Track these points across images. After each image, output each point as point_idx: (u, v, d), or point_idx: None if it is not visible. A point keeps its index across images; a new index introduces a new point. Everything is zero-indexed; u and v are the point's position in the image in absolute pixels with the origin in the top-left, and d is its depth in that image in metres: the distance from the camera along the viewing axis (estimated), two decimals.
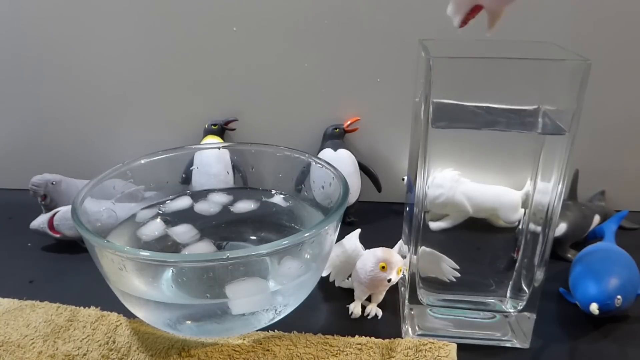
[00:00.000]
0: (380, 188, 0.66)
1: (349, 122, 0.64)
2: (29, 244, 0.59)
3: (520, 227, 0.41)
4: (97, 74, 0.67)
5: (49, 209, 0.60)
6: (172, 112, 0.68)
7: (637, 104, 0.61)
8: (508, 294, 0.44)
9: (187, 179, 0.57)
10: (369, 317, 0.47)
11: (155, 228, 0.51)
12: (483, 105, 0.38)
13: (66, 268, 0.55)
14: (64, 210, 0.57)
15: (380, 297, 0.48)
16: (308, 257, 0.43)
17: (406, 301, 0.44)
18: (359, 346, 0.42)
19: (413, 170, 0.41)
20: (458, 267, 0.42)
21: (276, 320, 0.43)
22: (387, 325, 0.46)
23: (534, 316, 0.42)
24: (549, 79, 0.37)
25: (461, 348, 0.42)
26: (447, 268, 0.43)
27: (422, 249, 0.42)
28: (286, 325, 0.44)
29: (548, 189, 0.39)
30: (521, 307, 0.43)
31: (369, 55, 0.62)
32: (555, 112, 0.38)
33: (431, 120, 0.37)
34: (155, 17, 0.63)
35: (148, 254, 0.37)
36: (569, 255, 0.55)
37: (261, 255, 0.39)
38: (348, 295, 0.49)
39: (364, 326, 0.45)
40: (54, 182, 0.60)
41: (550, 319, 0.46)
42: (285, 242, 0.38)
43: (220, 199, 0.56)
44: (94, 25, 0.64)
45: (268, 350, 0.41)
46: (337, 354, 0.41)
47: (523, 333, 0.43)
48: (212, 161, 0.57)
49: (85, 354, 0.42)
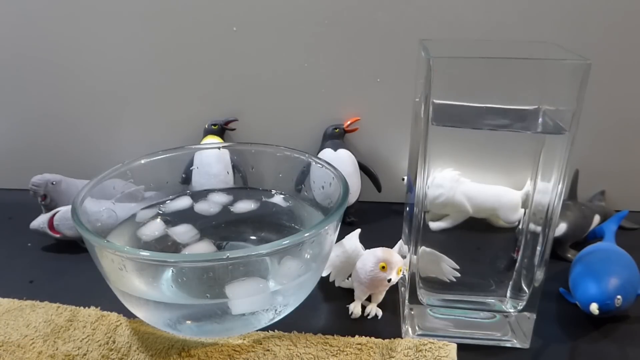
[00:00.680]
0: (380, 188, 0.66)
1: (349, 122, 0.64)
2: (29, 244, 0.59)
3: (520, 227, 0.41)
4: (97, 74, 0.67)
5: (49, 209, 0.60)
6: (172, 112, 0.68)
7: (637, 104, 0.61)
8: (508, 294, 0.43)
9: (187, 179, 0.57)
10: (369, 317, 0.47)
11: (155, 228, 0.51)
12: (483, 106, 0.38)
13: (66, 268, 0.55)
14: (64, 210, 0.57)
15: (380, 297, 0.48)
16: (308, 257, 0.43)
17: (406, 301, 0.44)
18: (359, 346, 0.42)
19: (413, 170, 0.41)
20: (458, 267, 0.42)
21: (276, 320, 0.43)
22: (387, 325, 0.46)
23: (534, 316, 0.42)
24: (549, 79, 0.37)
25: (461, 348, 0.42)
26: (447, 268, 0.43)
27: (422, 249, 0.42)
28: (286, 325, 0.44)
29: (548, 189, 0.39)
30: (521, 307, 0.43)
31: (369, 55, 0.62)
32: (555, 112, 0.38)
33: (431, 120, 0.37)
34: (155, 17, 0.63)
35: (148, 254, 0.37)
36: (569, 255, 0.55)
37: (261, 255, 0.39)
38: (348, 295, 0.49)
39: (364, 326, 0.45)
40: (54, 182, 0.60)
41: (550, 319, 0.46)
42: (285, 242, 0.38)
43: (220, 199, 0.56)
44: (94, 25, 0.64)
45: (268, 350, 0.41)
46: (337, 354, 0.41)
47: (523, 333, 0.43)
48: (212, 161, 0.57)
49: (85, 354, 0.42)
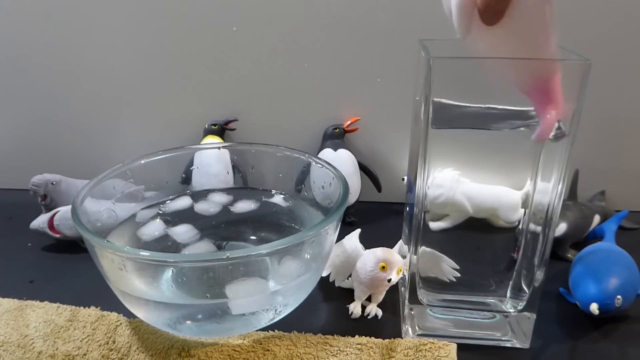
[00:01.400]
0: (380, 188, 0.66)
1: (349, 122, 0.64)
2: (29, 244, 0.59)
3: (520, 227, 0.41)
4: (97, 74, 0.67)
5: (49, 209, 0.60)
6: (172, 112, 0.68)
7: (637, 104, 0.61)
8: (508, 294, 0.43)
9: (187, 179, 0.57)
10: (369, 317, 0.47)
11: (155, 228, 0.51)
12: (483, 105, 0.38)
13: (66, 268, 0.55)
14: (64, 210, 0.57)
15: (380, 297, 0.48)
16: (308, 257, 0.43)
17: (406, 301, 0.44)
18: (359, 346, 0.42)
19: (413, 170, 0.41)
20: (458, 267, 0.42)
21: (276, 320, 0.43)
22: (387, 325, 0.46)
23: (534, 316, 0.42)
24: None
25: (461, 348, 0.41)
26: (447, 268, 0.43)
27: (422, 249, 0.42)
28: (286, 325, 0.44)
29: (548, 189, 0.39)
30: (521, 307, 0.43)
31: (369, 55, 0.62)
32: None
33: (431, 120, 0.37)
34: (155, 17, 0.63)
35: (148, 254, 0.37)
36: (569, 255, 0.55)
37: (261, 255, 0.39)
38: (348, 295, 0.49)
39: (364, 326, 0.45)
40: (54, 182, 0.60)
41: (550, 319, 0.46)
42: (285, 242, 0.38)
43: (220, 199, 0.56)
44: (94, 25, 0.64)
45: (268, 350, 0.41)
46: (337, 354, 0.41)
47: (523, 333, 0.43)
48: (212, 161, 0.57)
49: (85, 354, 0.42)
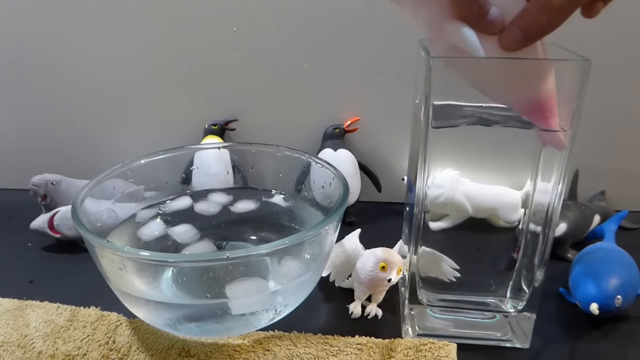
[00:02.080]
0: (380, 188, 0.66)
1: (349, 122, 0.64)
2: (29, 244, 0.59)
3: (520, 227, 0.41)
4: (97, 74, 0.67)
5: (49, 209, 0.60)
6: (172, 112, 0.68)
7: (637, 103, 0.61)
8: (508, 294, 0.43)
9: (187, 179, 0.57)
10: (369, 317, 0.47)
11: (155, 228, 0.51)
12: (483, 104, 0.38)
13: (66, 268, 0.55)
14: (64, 210, 0.57)
15: (380, 297, 0.48)
16: (308, 257, 0.43)
17: (406, 301, 0.44)
18: (359, 346, 0.42)
19: (413, 170, 0.41)
20: (458, 267, 0.42)
21: (276, 320, 0.43)
22: (387, 325, 0.46)
23: (534, 316, 0.42)
24: None
25: (461, 348, 0.41)
26: (447, 268, 0.43)
27: (422, 249, 0.42)
28: (286, 325, 0.44)
29: (548, 189, 0.39)
30: (521, 307, 0.43)
31: (369, 55, 0.62)
32: None
33: (431, 120, 0.37)
34: (155, 17, 0.63)
35: (148, 254, 0.37)
36: (569, 255, 0.55)
37: (261, 255, 0.39)
38: (348, 295, 0.49)
39: (364, 326, 0.45)
40: (54, 182, 0.60)
41: (550, 319, 0.46)
42: (285, 242, 0.38)
43: (220, 199, 0.56)
44: (93, 25, 0.64)
45: (268, 350, 0.41)
46: (337, 354, 0.41)
47: (523, 333, 0.43)
48: (212, 161, 0.57)
49: (85, 354, 0.42)
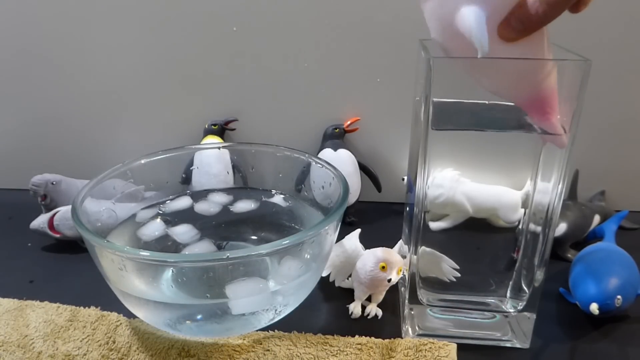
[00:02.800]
0: (380, 188, 0.66)
1: (349, 122, 0.64)
2: (29, 244, 0.59)
3: (520, 227, 0.41)
4: (97, 74, 0.67)
5: (49, 209, 0.60)
6: (172, 112, 0.68)
7: (637, 104, 0.61)
8: (508, 294, 0.43)
9: (187, 179, 0.57)
10: (369, 317, 0.47)
11: (155, 228, 0.51)
12: (483, 102, 0.38)
13: (66, 268, 0.55)
14: (64, 210, 0.57)
15: (380, 297, 0.48)
16: (308, 257, 0.43)
17: (406, 301, 0.44)
18: (359, 346, 0.42)
19: (413, 170, 0.41)
20: (458, 267, 0.42)
21: (276, 320, 0.43)
22: (387, 325, 0.46)
23: (534, 316, 0.42)
24: None
25: (461, 348, 0.41)
26: (447, 268, 0.43)
27: (422, 249, 0.42)
28: (286, 325, 0.44)
29: (548, 189, 0.39)
30: (521, 307, 0.43)
31: (369, 55, 0.62)
32: None
33: (431, 120, 0.37)
34: (155, 17, 0.63)
35: (148, 254, 0.37)
36: (569, 255, 0.55)
37: (261, 255, 0.39)
38: (348, 295, 0.49)
39: (364, 326, 0.45)
40: (54, 182, 0.60)
41: (550, 319, 0.46)
42: (285, 242, 0.38)
43: (220, 199, 0.56)
44: (93, 25, 0.64)
45: (268, 350, 0.41)
46: (337, 354, 0.41)
47: (523, 333, 0.43)
48: (212, 161, 0.57)
49: (85, 354, 0.42)
